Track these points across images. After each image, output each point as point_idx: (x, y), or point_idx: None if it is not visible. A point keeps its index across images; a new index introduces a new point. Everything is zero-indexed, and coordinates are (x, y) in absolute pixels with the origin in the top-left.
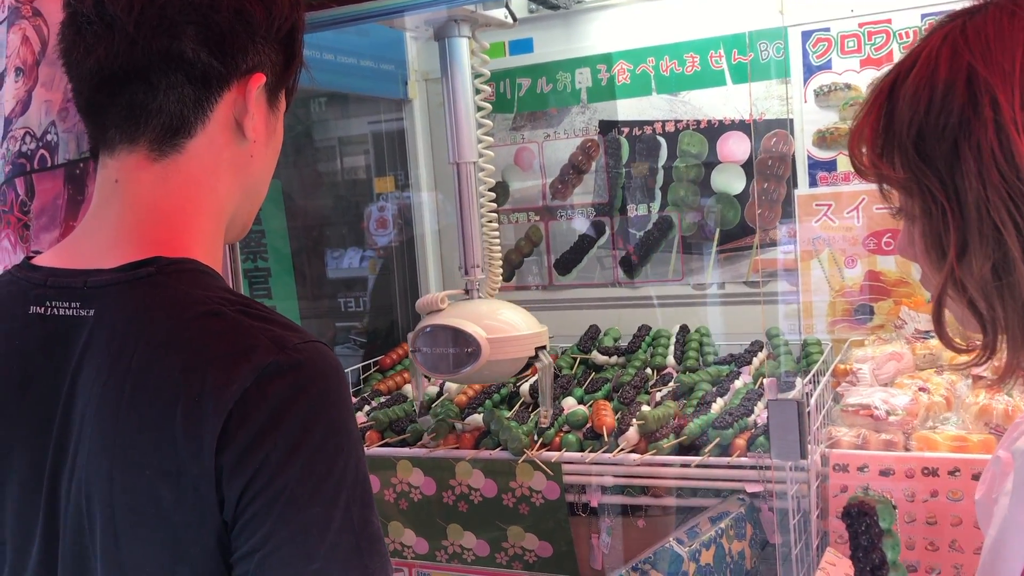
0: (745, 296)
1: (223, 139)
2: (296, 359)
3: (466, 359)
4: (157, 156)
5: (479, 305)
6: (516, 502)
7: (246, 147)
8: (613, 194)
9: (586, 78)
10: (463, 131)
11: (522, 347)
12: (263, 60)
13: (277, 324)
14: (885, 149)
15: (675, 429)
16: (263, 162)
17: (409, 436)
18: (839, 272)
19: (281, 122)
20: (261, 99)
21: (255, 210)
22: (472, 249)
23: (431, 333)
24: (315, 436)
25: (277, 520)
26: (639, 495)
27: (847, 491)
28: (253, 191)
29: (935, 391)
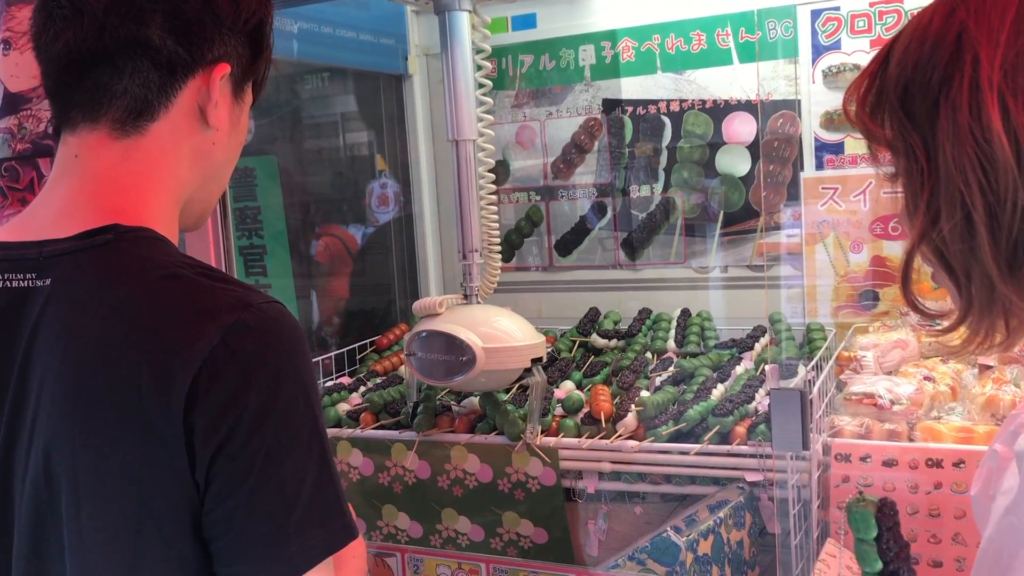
0: (748, 280)
1: (186, 125)
2: (261, 316)
3: (460, 367)
4: (119, 136)
5: (477, 311)
6: (512, 487)
7: (209, 135)
8: (615, 174)
9: (590, 55)
10: (462, 108)
11: (518, 358)
12: (229, 51)
13: (238, 285)
14: (876, 106)
15: (674, 415)
16: (225, 151)
17: (403, 418)
18: (844, 257)
19: (247, 115)
20: (226, 89)
21: (213, 199)
22: (470, 232)
23: (427, 338)
24: (287, 391)
25: (258, 476)
26: (636, 482)
27: (848, 481)
28: (213, 179)
29: (940, 380)
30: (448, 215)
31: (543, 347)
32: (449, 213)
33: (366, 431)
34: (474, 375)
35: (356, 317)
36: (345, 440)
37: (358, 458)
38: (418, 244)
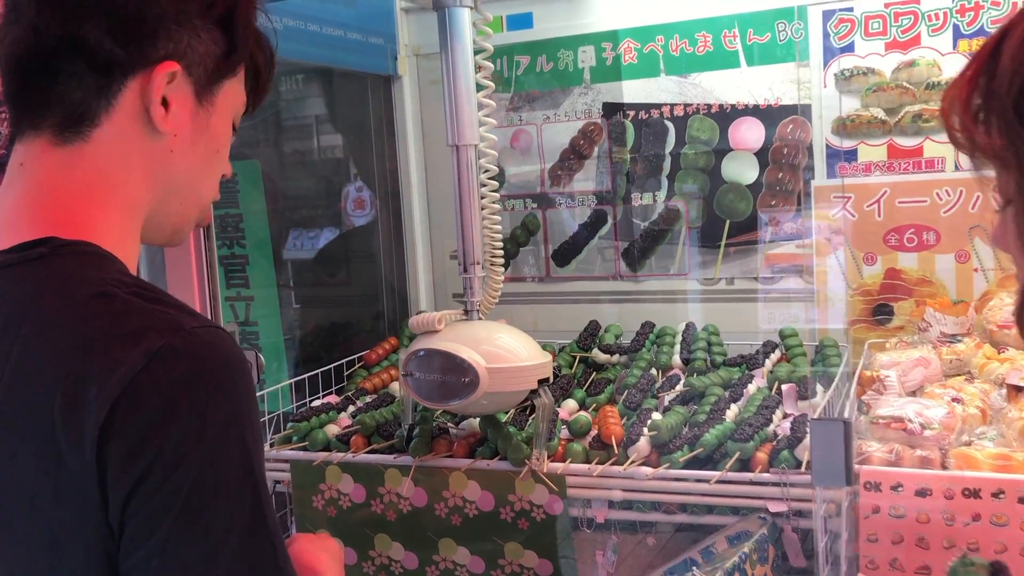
0: (756, 293)
1: (133, 130)
2: (192, 342)
3: (462, 389)
4: (60, 143)
5: (478, 328)
6: (515, 516)
7: (163, 141)
8: (616, 182)
9: (590, 57)
10: (463, 110)
11: (524, 379)
12: (180, 48)
13: (172, 307)
14: (982, 112)
15: (689, 440)
16: (188, 159)
17: (398, 442)
18: (857, 269)
19: (225, 119)
20: (184, 90)
21: (188, 214)
22: (472, 244)
23: (425, 357)
24: (216, 426)
25: (177, 520)
26: (649, 511)
27: (879, 512)
28: (176, 190)
29: (969, 402)
30: (439, 222)
31: (550, 367)
32: (440, 220)
33: (358, 455)
34: (477, 397)
35: (342, 330)
36: (335, 465)
37: (348, 484)
38: (407, 252)
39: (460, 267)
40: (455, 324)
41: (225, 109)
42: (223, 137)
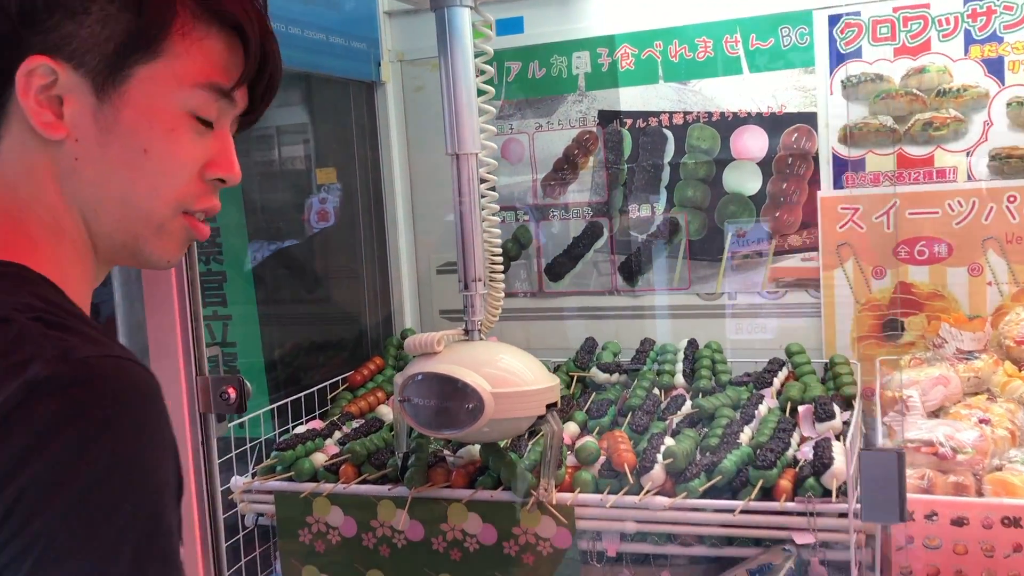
0: (759, 308)
1: (32, 141)
2: (84, 374)
3: (465, 416)
4: None
5: (480, 350)
6: (520, 550)
7: (64, 148)
8: (612, 193)
9: (584, 63)
10: (464, 117)
11: (531, 404)
12: (53, 41)
13: (77, 335)
14: None
15: (706, 467)
16: (98, 166)
17: (391, 471)
18: (866, 283)
19: (149, 109)
20: (74, 87)
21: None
22: (474, 259)
23: (424, 382)
24: (94, 469)
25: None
26: (664, 543)
27: (913, 543)
28: (99, 203)
29: (998, 424)
30: (425, 235)
31: (558, 390)
32: (426, 233)
33: (348, 486)
34: (481, 425)
35: (322, 350)
36: (323, 497)
37: (338, 517)
38: (391, 267)
39: (460, 284)
40: (455, 345)
41: (149, 99)
42: (149, 134)
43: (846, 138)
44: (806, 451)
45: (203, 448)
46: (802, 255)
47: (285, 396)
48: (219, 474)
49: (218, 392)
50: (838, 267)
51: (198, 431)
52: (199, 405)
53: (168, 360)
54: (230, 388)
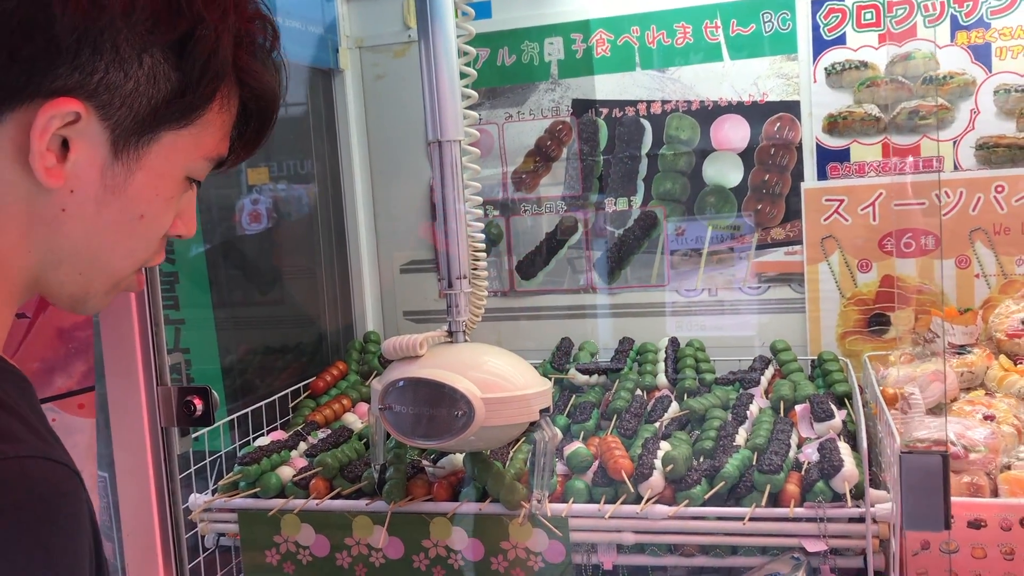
0: (742, 304)
1: (11, 175)
2: None
3: (454, 424)
4: None
5: (464, 352)
6: (509, 566)
7: (52, 196)
8: (587, 186)
9: (557, 49)
10: (447, 102)
11: (524, 410)
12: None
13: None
14: None
15: (707, 472)
16: (88, 224)
17: (367, 485)
18: (851, 277)
19: (160, 178)
20: (91, 135)
21: (91, 284)
22: (458, 255)
23: (407, 388)
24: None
25: None
26: (665, 554)
27: (929, 548)
28: (68, 258)
29: (1003, 420)
30: (387, 232)
31: (550, 395)
32: (388, 230)
33: (322, 503)
34: (472, 432)
35: (280, 356)
36: (292, 514)
37: (309, 536)
38: (351, 266)
39: (443, 283)
40: (439, 348)
41: (164, 165)
42: (152, 201)
43: (830, 127)
44: (809, 453)
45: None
46: (785, 249)
47: (243, 406)
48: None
49: (182, 403)
50: (823, 261)
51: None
52: (160, 418)
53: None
54: (195, 398)
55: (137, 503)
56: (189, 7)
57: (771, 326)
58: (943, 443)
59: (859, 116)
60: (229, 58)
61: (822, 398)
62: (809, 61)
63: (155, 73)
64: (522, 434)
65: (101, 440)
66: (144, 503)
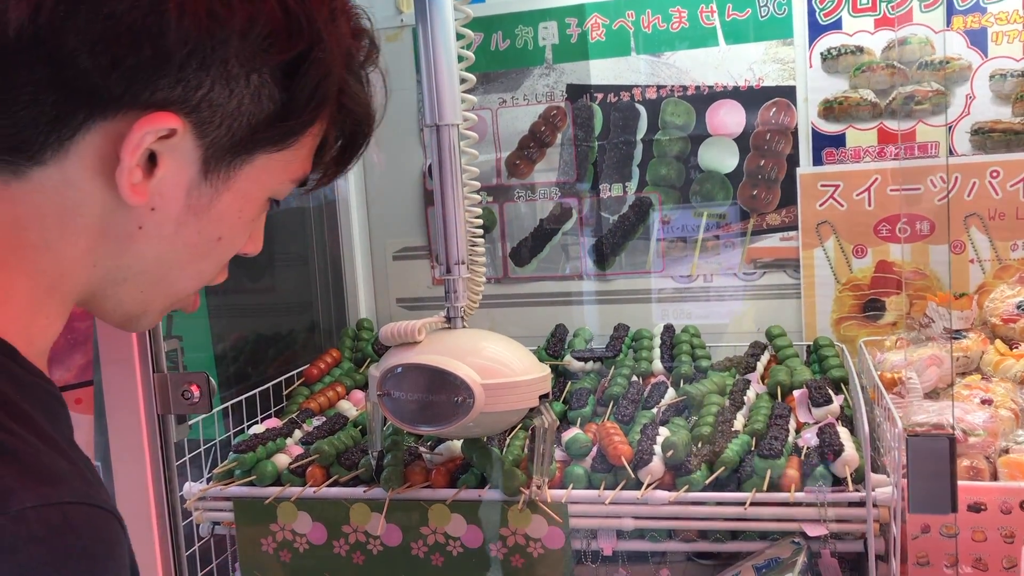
0: (737, 290)
1: (89, 187)
2: (12, 535)
3: (454, 410)
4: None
5: (463, 338)
6: (508, 553)
7: (130, 212)
8: (582, 172)
9: (552, 34)
10: (445, 85)
11: (524, 395)
12: (194, 95)
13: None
14: None
15: (707, 457)
16: (164, 245)
17: (364, 472)
18: (846, 262)
19: (246, 200)
20: (183, 153)
21: (151, 303)
22: (455, 240)
23: (405, 374)
24: None
25: None
26: (664, 540)
27: (929, 532)
28: (135, 276)
29: (1001, 404)
30: (380, 217)
31: (549, 381)
32: (380, 215)
33: (319, 490)
34: (471, 418)
35: (272, 344)
36: (289, 502)
37: (306, 523)
38: (343, 252)
39: (441, 268)
40: (437, 334)
41: (252, 188)
42: (234, 224)
43: (826, 113)
44: (808, 438)
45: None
46: (780, 234)
47: (236, 394)
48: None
49: (179, 391)
50: (818, 246)
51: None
52: (157, 406)
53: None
54: (193, 386)
55: (133, 492)
56: (310, 26)
57: (766, 312)
58: (943, 427)
59: (855, 101)
60: (337, 81)
61: (820, 383)
62: (805, 46)
63: (260, 93)
64: (520, 420)
65: (97, 428)
66: (140, 491)
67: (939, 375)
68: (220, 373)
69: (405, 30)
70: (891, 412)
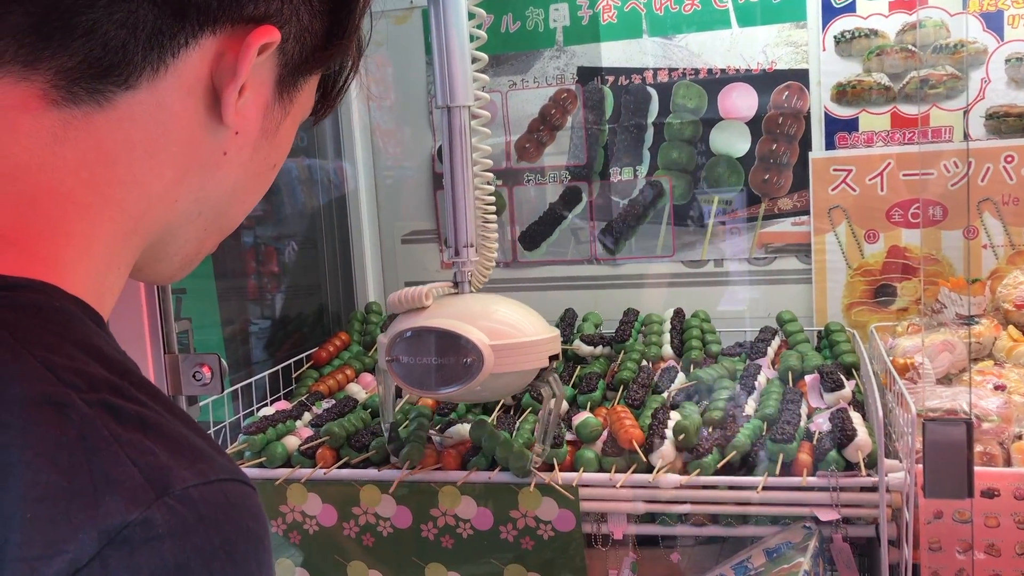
0: (747, 275)
1: (186, 112)
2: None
3: (463, 372)
4: (60, 99)
5: (471, 302)
6: (518, 535)
7: (219, 137)
8: (592, 155)
9: (563, 16)
10: (456, 65)
11: (533, 356)
12: (286, 14)
13: (164, 439)
14: None
15: (718, 442)
16: (240, 171)
17: (374, 454)
18: (858, 248)
19: (295, 125)
20: (265, 72)
21: (206, 242)
22: (465, 222)
23: (414, 339)
24: None
25: None
26: (675, 524)
27: (942, 517)
28: (210, 207)
29: (1014, 390)
30: (388, 201)
31: (558, 341)
32: (389, 199)
33: (329, 472)
34: (482, 379)
35: (281, 327)
36: (299, 483)
37: (316, 505)
38: (352, 236)
39: (450, 251)
40: (445, 299)
41: (300, 113)
42: (286, 149)
43: (839, 96)
44: (820, 422)
45: None
46: (792, 219)
47: (245, 376)
48: None
49: (191, 371)
50: (830, 231)
51: None
52: (168, 387)
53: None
54: (205, 367)
55: None
56: None
57: (777, 297)
58: (956, 412)
59: (868, 85)
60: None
61: (831, 368)
62: (818, 29)
63: (314, 14)
64: (528, 387)
65: None
66: None
67: (951, 361)
68: (229, 356)
69: (414, 12)
70: (904, 397)
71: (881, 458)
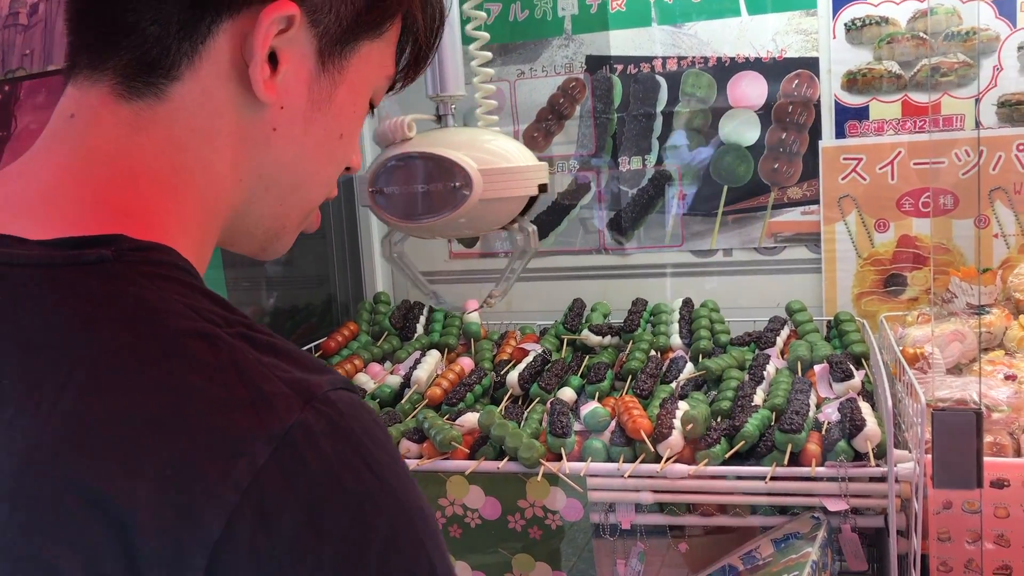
0: (757, 265)
1: (224, 94)
2: (332, 415)
3: (451, 197)
4: (126, 94)
5: (457, 133)
6: (526, 524)
7: (264, 114)
8: (601, 144)
9: (571, 4)
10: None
11: (522, 183)
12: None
13: (292, 359)
14: None
15: (726, 431)
16: (296, 144)
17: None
18: (868, 237)
19: (357, 93)
20: (300, 45)
21: (289, 216)
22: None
23: (400, 167)
24: (384, 531)
25: None
26: (683, 514)
27: (951, 508)
28: (275, 184)
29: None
30: None
31: (546, 171)
32: None
33: None
34: (471, 204)
35: (289, 317)
36: None
37: None
38: (361, 224)
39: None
40: (429, 132)
41: (360, 80)
42: (352, 118)
43: (849, 85)
44: (829, 412)
45: None
46: (802, 208)
47: None
48: None
49: None
50: (840, 220)
51: None
52: None
53: None
54: None
55: None
56: None
57: (786, 287)
58: (966, 402)
59: (879, 73)
60: None
61: (840, 358)
62: (829, 16)
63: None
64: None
65: None
66: None
67: (961, 351)
68: None
69: None
70: (913, 387)
71: (890, 448)
